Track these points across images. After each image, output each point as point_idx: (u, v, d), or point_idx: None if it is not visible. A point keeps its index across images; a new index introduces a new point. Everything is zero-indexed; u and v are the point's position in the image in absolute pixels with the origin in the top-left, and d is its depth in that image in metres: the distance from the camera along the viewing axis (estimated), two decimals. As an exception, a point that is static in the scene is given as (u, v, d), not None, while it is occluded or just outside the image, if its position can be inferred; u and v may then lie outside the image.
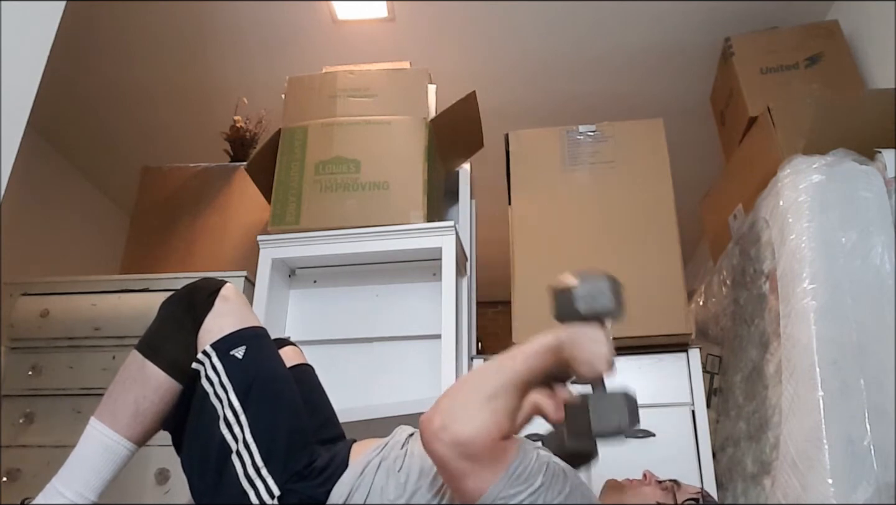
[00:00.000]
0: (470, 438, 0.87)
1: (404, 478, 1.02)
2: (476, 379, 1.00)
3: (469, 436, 0.88)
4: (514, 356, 0.99)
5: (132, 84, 2.81)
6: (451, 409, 0.91)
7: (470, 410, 0.90)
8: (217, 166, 2.35)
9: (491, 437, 0.88)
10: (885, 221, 1.50)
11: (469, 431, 0.88)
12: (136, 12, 2.46)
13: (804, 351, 1.44)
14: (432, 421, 0.90)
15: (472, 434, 0.88)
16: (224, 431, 1.03)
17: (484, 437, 0.88)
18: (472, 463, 0.88)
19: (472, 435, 0.88)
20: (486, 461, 0.88)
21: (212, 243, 2.19)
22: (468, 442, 0.87)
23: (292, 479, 1.02)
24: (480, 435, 0.88)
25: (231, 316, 1.12)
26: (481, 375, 0.99)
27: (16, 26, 1.09)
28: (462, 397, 0.94)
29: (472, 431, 0.88)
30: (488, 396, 0.92)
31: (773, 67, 2.08)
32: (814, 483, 1.33)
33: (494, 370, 0.98)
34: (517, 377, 0.96)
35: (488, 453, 0.88)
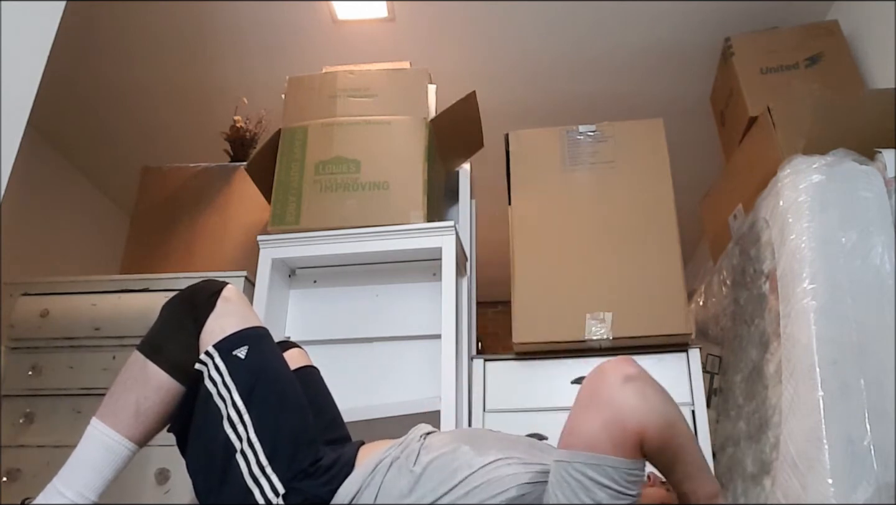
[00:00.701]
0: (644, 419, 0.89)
1: (420, 470, 1.02)
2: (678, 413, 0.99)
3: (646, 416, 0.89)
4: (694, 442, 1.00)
5: (132, 84, 2.81)
6: (654, 390, 0.93)
7: (657, 403, 0.92)
8: (217, 166, 2.35)
9: (642, 425, 0.89)
10: (885, 221, 1.50)
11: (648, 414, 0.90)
12: (136, 12, 2.46)
13: (804, 351, 1.44)
14: (632, 369, 0.93)
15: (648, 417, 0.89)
16: (228, 430, 1.04)
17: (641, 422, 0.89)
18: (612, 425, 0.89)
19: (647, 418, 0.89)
20: (619, 438, 0.89)
21: (212, 243, 2.19)
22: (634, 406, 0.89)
23: (297, 477, 1.02)
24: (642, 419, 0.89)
25: (233, 316, 1.12)
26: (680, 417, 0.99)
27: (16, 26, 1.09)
28: (664, 399, 0.95)
29: (652, 416, 0.90)
30: (676, 418, 0.94)
31: (773, 67, 2.08)
32: (814, 483, 1.33)
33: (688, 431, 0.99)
34: (692, 447, 0.97)
35: (628, 437, 0.89)
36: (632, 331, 1.68)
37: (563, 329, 1.71)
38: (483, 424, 1.72)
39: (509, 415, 1.72)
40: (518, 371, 1.77)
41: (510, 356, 1.79)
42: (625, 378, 0.92)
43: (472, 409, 1.73)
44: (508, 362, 1.79)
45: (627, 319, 1.69)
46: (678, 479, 0.98)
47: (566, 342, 1.71)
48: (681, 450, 0.96)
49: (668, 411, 0.94)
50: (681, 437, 0.95)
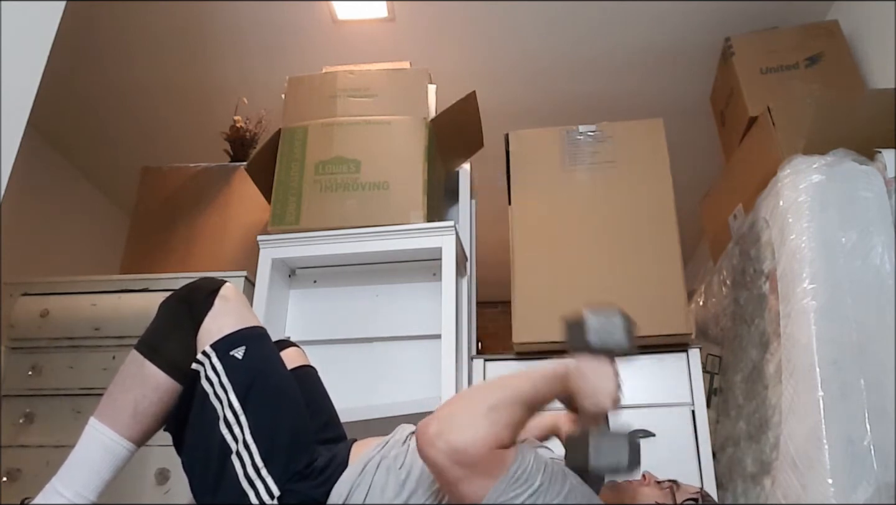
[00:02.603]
0: (465, 446, 0.87)
1: (404, 475, 1.02)
2: (477, 392, 0.99)
3: (464, 444, 0.87)
4: (520, 377, 0.98)
5: (132, 84, 2.81)
6: (449, 417, 0.91)
7: (467, 418, 0.90)
8: (217, 166, 2.35)
9: (487, 446, 0.88)
10: (885, 221, 1.50)
11: (464, 439, 0.87)
12: (136, 12, 2.46)
13: (804, 351, 1.44)
14: (429, 427, 0.89)
15: (468, 442, 0.87)
16: (224, 431, 1.03)
17: (479, 445, 0.87)
18: (468, 470, 0.87)
19: (468, 443, 0.87)
20: (482, 468, 0.88)
21: (212, 243, 2.19)
22: (463, 450, 0.87)
23: (292, 479, 1.02)
24: (476, 444, 0.87)
25: (231, 316, 1.12)
26: (483, 389, 0.99)
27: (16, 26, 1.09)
28: (461, 407, 0.94)
29: (468, 439, 0.87)
30: (488, 408, 0.91)
31: (773, 67, 2.08)
32: (814, 483, 1.33)
33: (498, 386, 0.98)
34: (520, 395, 0.95)
35: (484, 462, 0.88)
36: (632, 331, 1.68)
37: (563, 329, 1.70)
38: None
39: (509, 415, 1.72)
40: (518, 371, 1.77)
41: (510, 356, 1.79)
42: (429, 445, 0.88)
43: (472, 409, 1.73)
44: (508, 362, 1.79)
45: (627, 318, 1.69)
46: (560, 398, 1.00)
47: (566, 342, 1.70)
48: (517, 404, 0.94)
49: (468, 409, 0.91)
50: (506, 392, 0.94)
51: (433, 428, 0.89)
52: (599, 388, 1.00)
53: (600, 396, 0.99)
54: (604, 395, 0.99)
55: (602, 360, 1.03)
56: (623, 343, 1.05)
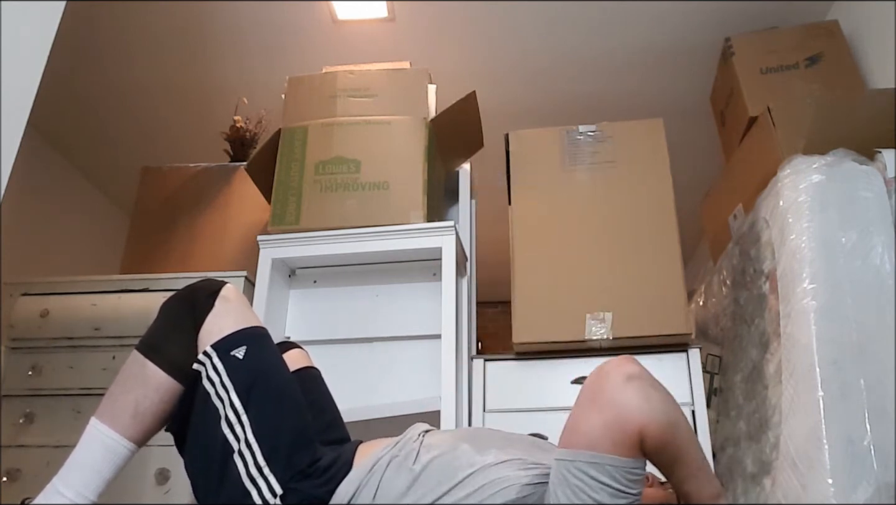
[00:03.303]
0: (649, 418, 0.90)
1: (419, 469, 1.02)
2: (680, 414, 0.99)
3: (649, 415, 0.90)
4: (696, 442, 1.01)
5: (132, 84, 2.81)
6: (658, 387, 0.94)
7: (659, 402, 0.93)
8: (217, 166, 2.35)
9: (645, 429, 0.90)
10: (885, 221, 1.50)
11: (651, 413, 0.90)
12: (136, 12, 2.46)
13: (804, 351, 1.44)
14: (631, 368, 0.93)
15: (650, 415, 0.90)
16: (226, 431, 1.03)
17: (650, 422, 0.90)
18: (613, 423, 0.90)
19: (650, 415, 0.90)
20: (620, 436, 0.90)
21: (212, 243, 2.19)
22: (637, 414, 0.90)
23: (294, 478, 1.02)
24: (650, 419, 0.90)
25: (231, 316, 1.12)
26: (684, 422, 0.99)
27: (16, 26, 1.09)
28: (664, 396, 0.96)
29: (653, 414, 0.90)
30: (674, 408, 0.95)
31: (773, 67, 2.08)
32: (814, 483, 1.33)
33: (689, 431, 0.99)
34: (691, 440, 0.98)
35: (627, 435, 0.90)
36: (632, 331, 1.68)
37: (563, 329, 1.71)
38: (483, 424, 1.72)
39: (509, 415, 1.72)
40: (518, 371, 1.77)
41: (510, 356, 1.79)
42: (626, 378, 0.93)
43: (472, 409, 1.73)
44: (508, 362, 1.79)
45: (627, 319, 1.69)
46: (679, 479, 0.98)
47: (566, 342, 1.70)
48: (682, 450, 0.96)
49: (670, 411, 0.94)
50: (682, 437, 0.95)
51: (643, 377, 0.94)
52: None
53: None
54: None
55: None
56: None
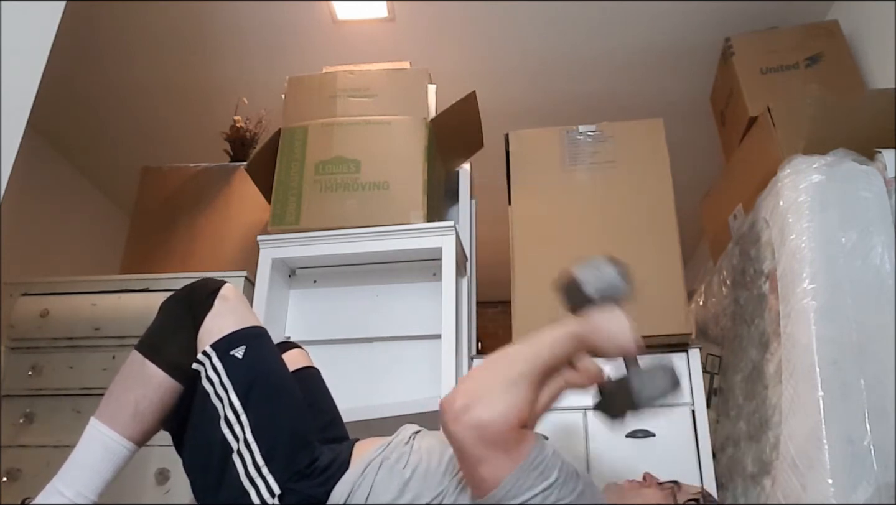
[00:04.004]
0: (491, 421, 0.88)
1: (409, 474, 1.02)
2: (500, 364, 0.99)
3: (490, 419, 0.88)
4: (538, 345, 1.01)
5: (132, 84, 2.81)
6: (474, 391, 0.92)
7: (493, 393, 0.91)
8: (217, 166, 2.35)
9: (510, 423, 0.89)
10: (885, 221, 1.50)
11: (490, 414, 0.88)
12: (136, 12, 2.46)
13: (804, 351, 1.44)
14: (454, 402, 0.90)
15: (494, 417, 0.88)
16: (225, 430, 1.03)
17: (504, 422, 0.89)
18: (491, 449, 0.88)
19: (494, 418, 0.88)
20: (505, 448, 0.89)
21: (212, 243, 2.19)
22: (489, 425, 0.88)
23: (293, 478, 1.02)
24: (501, 419, 0.89)
25: (231, 316, 1.12)
26: (505, 361, 0.99)
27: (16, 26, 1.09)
28: (485, 380, 0.95)
29: (494, 414, 0.89)
30: (511, 381, 0.93)
31: (773, 67, 2.08)
32: (814, 483, 1.33)
33: (519, 357, 0.99)
34: (539, 364, 0.98)
35: (508, 440, 0.89)
36: (632, 331, 1.68)
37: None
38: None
39: (509, 415, 1.72)
40: (518, 371, 1.77)
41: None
42: (454, 420, 0.90)
43: (472, 409, 1.73)
44: (508, 362, 1.78)
45: (627, 318, 1.68)
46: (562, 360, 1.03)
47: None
48: (538, 363, 0.97)
49: (493, 383, 0.93)
50: (527, 365, 0.96)
51: (458, 403, 0.90)
52: (615, 333, 1.04)
53: (620, 341, 1.04)
54: (623, 337, 1.04)
55: (607, 307, 1.07)
56: (620, 287, 1.09)
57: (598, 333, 1.03)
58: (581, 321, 1.04)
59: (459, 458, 0.94)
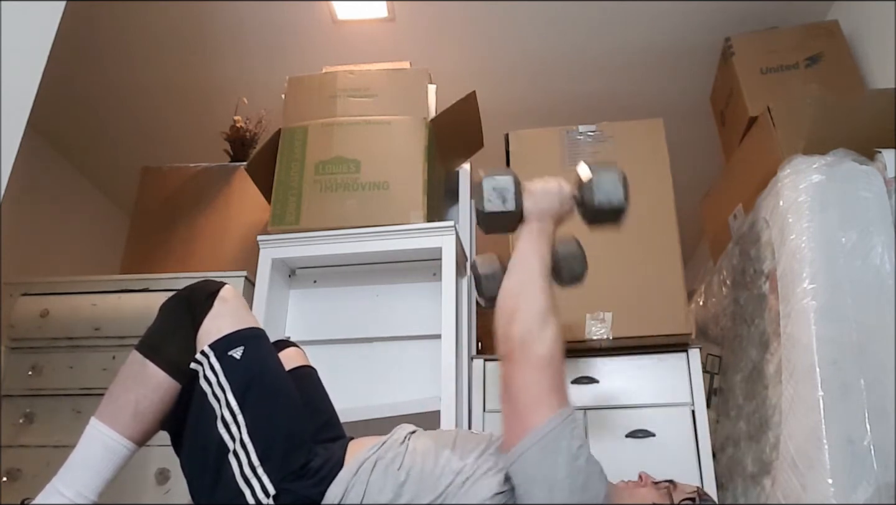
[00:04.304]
0: (547, 353, 1.01)
1: (404, 476, 1.02)
2: (532, 287, 1.11)
3: (547, 351, 1.01)
4: (537, 258, 1.14)
5: (132, 84, 2.81)
6: (526, 322, 1.05)
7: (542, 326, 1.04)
8: (217, 166, 2.35)
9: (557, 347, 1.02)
10: (885, 221, 1.50)
11: (545, 348, 1.02)
12: (136, 12, 2.46)
13: (804, 351, 1.44)
14: (513, 333, 1.04)
15: (547, 349, 1.01)
16: (221, 430, 1.04)
17: (554, 350, 1.01)
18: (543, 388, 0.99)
19: (548, 350, 1.01)
20: (553, 388, 0.99)
21: (212, 243, 2.19)
22: (548, 356, 1.01)
23: (288, 478, 1.02)
24: (553, 348, 1.01)
25: (229, 317, 1.12)
26: (532, 288, 1.10)
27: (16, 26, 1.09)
28: (532, 314, 1.06)
29: (547, 347, 1.02)
30: (548, 310, 1.07)
31: (773, 67, 2.08)
32: (814, 483, 1.33)
33: (536, 276, 1.12)
34: (546, 273, 1.13)
35: (557, 379, 1.00)
36: (632, 331, 1.68)
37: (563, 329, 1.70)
38: (483, 424, 1.72)
39: (509, 415, 1.72)
40: (518, 371, 1.77)
41: (510, 356, 1.78)
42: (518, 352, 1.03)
43: (472, 409, 1.73)
44: (508, 362, 1.78)
45: (627, 318, 1.69)
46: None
47: (566, 342, 1.67)
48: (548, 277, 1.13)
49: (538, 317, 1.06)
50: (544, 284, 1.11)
51: (518, 335, 1.04)
52: (546, 188, 1.22)
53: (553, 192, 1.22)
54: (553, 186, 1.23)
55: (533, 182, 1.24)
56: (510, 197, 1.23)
57: (548, 205, 1.19)
58: (534, 218, 1.19)
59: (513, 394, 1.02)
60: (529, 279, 1.10)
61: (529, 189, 1.22)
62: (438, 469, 1.03)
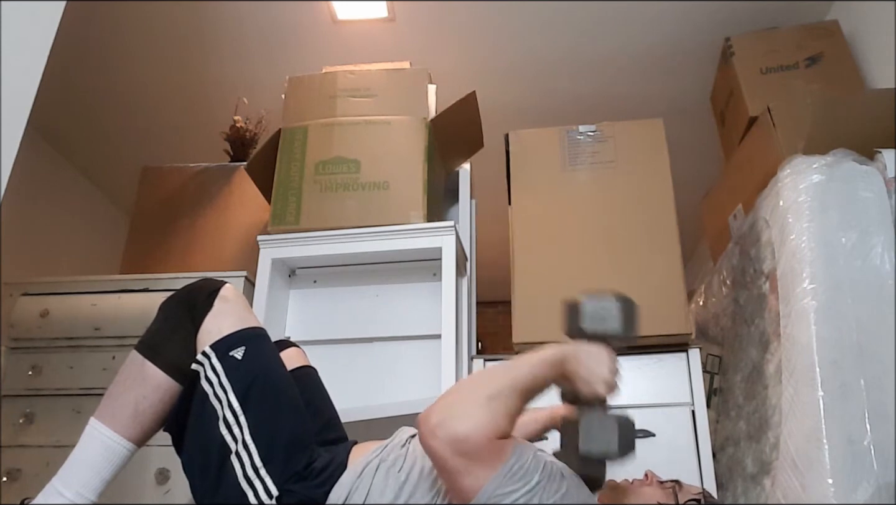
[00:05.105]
0: (466, 435, 0.89)
1: (404, 477, 1.02)
2: (477, 380, 1.01)
3: (465, 433, 0.89)
4: (517, 363, 1.00)
5: (132, 84, 2.81)
6: (450, 406, 0.93)
7: (468, 408, 0.92)
8: (217, 166, 2.35)
9: (487, 435, 0.89)
10: (885, 221, 1.50)
11: (465, 428, 0.89)
12: (136, 12, 2.46)
13: (804, 351, 1.44)
14: (430, 418, 0.91)
15: (468, 431, 0.89)
16: (224, 431, 1.03)
17: (480, 434, 0.89)
18: (468, 460, 0.89)
19: (469, 432, 0.89)
20: (482, 459, 0.89)
21: (212, 243, 2.19)
22: (464, 439, 0.89)
23: (291, 479, 1.02)
24: (477, 432, 0.89)
25: (230, 316, 1.12)
26: (482, 377, 1.01)
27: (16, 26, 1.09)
28: (461, 396, 0.95)
29: (469, 428, 0.89)
30: (488, 396, 0.93)
31: (773, 67, 2.08)
32: (814, 483, 1.33)
33: (496, 374, 0.99)
34: (518, 382, 0.97)
35: (484, 451, 0.89)
36: (632, 331, 1.67)
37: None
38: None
39: (509, 415, 1.72)
40: (518, 371, 1.77)
41: (510, 356, 1.78)
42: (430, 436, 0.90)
43: (472, 409, 1.73)
44: (508, 362, 1.78)
45: (627, 319, 1.68)
46: (557, 383, 1.01)
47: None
48: (515, 380, 0.96)
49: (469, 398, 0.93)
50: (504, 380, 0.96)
51: (434, 418, 0.91)
52: (595, 372, 1.01)
53: (594, 382, 1.00)
54: (598, 380, 1.00)
55: (598, 345, 1.03)
56: (618, 328, 1.05)
57: (579, 367, 1.01)
58: (566, 348, 1.03)
59: (439, 471, 0.94)
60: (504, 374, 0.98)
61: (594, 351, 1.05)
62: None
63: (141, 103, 2.91)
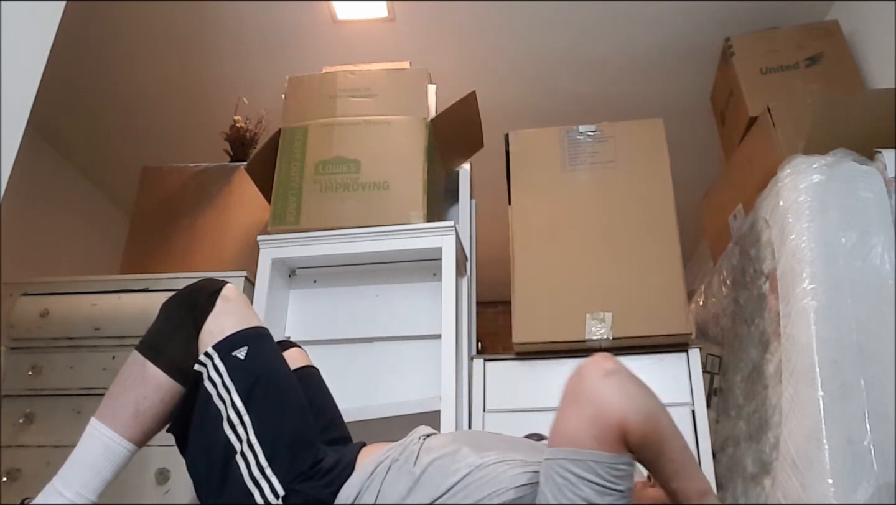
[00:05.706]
0: (619, 404, 0.90)
1: (419, 471, 1.01)
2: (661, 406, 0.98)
3: (619, 402, 0.90)
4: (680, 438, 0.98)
5: (132, 84, 2.81)
6: (629, 381, 0.94)
7: (643, 399, 0.93)
8: (217, 166, 2.35)
9: (629, 419, 0.89)
10: (885, 221, 1.50)
11: (624, 402, 0.90)
12: (136, 12, 2.46)
13: (804, 351, 1.44)
14: (614, 368, 0.93)
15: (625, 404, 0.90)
16: (228, 431, 1.03)
17: (628, 415, 0.89)
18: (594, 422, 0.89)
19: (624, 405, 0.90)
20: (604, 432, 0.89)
21: (212, 243, 2.19)
22: (616, 404, 0.90)
23: (297, 479, 1.02)
24: (627, 412, 0.89)
25: (232, 316, 1.12)
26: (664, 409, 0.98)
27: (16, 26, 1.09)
28: (649, 395, 0.95)
29: (626, 404, 0.90)
30: (658, 407, 0.94)
31: (773, 67, 2.08)
32: (814, 483, 1.33)
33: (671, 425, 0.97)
34: (672, 433, 0.96)
35: (614, 430, 0.89)
36: (632, 331, 1.68)
37: (563, 329, 1.71)
38: (483, 424, 1.72)
39: (509, 415, 1.72)
40: (518, 371, 1.77)
41: (510, 356, 1.79)
42: (604, 373, 0.93)
43: (472, 409, 1.73)
44: (508, 362, 1.79)
45: (627, 319, 1.69)
46: (666, 476, 0.97)
47: (566, 342, 1.70)
48: (664, 444, 0.95)
49: (649, 405, 0.94)
50: (663, 431, 0.94)
51: (616, 375, 0.93)
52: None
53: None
54: None
55: None
56: None
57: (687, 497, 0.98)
58: (703, 480, 0.99)
59: (565, 396, 0.94)
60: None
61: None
62: (456, 463, 1.02)
63: (141, 103, 2.91)
